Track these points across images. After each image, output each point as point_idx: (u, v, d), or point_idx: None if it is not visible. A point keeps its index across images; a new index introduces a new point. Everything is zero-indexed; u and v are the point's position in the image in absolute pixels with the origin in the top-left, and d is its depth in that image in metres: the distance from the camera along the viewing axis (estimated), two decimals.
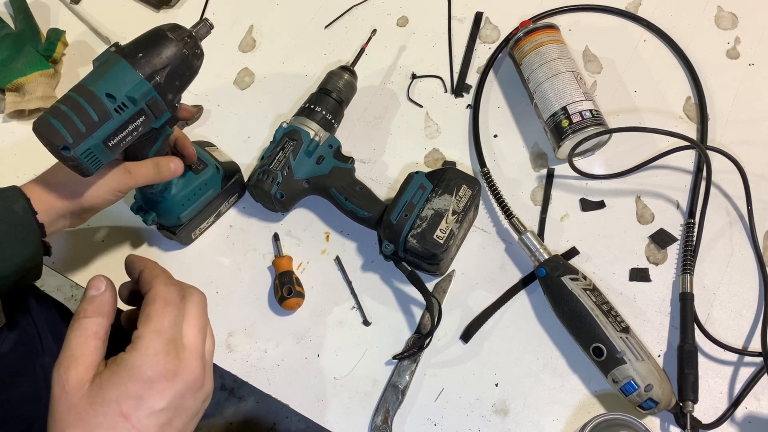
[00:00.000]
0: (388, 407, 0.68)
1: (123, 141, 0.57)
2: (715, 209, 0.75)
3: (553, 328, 0.71)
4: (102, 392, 0.41)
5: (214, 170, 0.73)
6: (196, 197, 0.73)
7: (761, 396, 0.67)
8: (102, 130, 0.55)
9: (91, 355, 0.43)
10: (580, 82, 0.76)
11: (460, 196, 0.70)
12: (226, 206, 0.78)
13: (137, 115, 0.57)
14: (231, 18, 0.92)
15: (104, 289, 0.45)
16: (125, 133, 0.57)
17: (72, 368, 0.42)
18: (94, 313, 0.44)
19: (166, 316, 0.44)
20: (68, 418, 0.41)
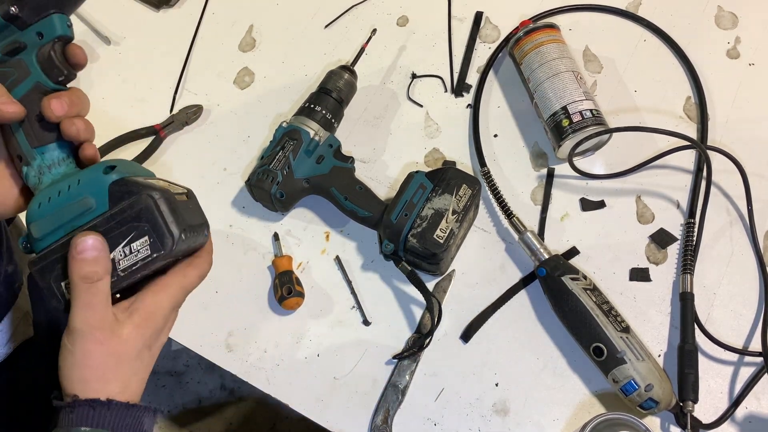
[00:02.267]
0: (388, 407, 0.68)
1: None
2: (715, 209, 0.75)
3: (553, 328, 0.71)
4: (134, 334, 0.48)
5: (101, 169, 0.50)
6: (61, 205, 0.50)
7: (761, 396, 0.67)
8: None
9: (107, 312, 0.48)
10: (580, 81, 0.76)
11: (460, 195, 0.70)
12: (120, 256, 0.48)
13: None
14: (231, 17, 0.92)
15: (102, 247, 0.48)
16: None
17: (103, 329, 0.47)
18: (105, 272, 0.47)
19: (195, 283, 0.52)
20: (109, 363, 0.47)
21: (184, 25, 0.91)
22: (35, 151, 0.51)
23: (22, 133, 0.51)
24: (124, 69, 0.89)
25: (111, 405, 0.47)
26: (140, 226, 0.48)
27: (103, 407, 0.46)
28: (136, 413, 0.48)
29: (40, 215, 0.50)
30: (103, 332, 0.47)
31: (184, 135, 0.84)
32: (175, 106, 0.86)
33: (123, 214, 0.48)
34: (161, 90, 0.87)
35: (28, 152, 0.51)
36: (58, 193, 0.50)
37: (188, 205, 0.51)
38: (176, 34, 0.91)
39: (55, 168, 0.52)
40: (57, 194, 0.50)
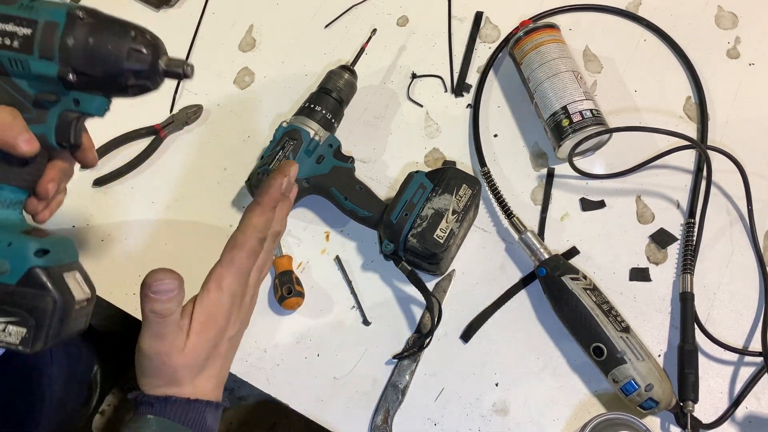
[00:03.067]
0: (388, 407, 0.68)
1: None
2: (715, 209, 0.75)
3: (553, 328, 0.71)
4: (198, 343, 0.50)
5: (34, 249, 0.49)
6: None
7: (761, 396, 0.67)
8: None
9: (177, 337, 0.50)
10: (580, 81, 0.76)
11: (461, 195, 0.70)
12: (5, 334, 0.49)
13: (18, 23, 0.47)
14: (231, 17, 0.92)
15: (179, 288, 0.50)
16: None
17: (168, 354, 0.49)
18: (171, 311, 0.49)
19: (248, 263, 0.52)
20: (178, 373, 0.50)
21: (184, 25, 0.91)
22: (0, 185, 0.51)
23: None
24: None
25: (168, 401, 0.49)
26: (27, 319, 0.48)
27: (160, 403, 0.49)
28: (197, 408, 0.50)
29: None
30: (170, 356, 0.49)
31: (184, 135, 0.84)
32: (175, 106, 0.86)
33: (23, 298, 0.48)
34: (161, 90, 0.86)
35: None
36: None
37: (81, 312, 0.51)
38: (176, 34, 0.91)
39: (2, 207, 0.52)
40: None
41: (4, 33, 0.48)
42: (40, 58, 0.48)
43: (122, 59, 0.49)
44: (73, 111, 0.51)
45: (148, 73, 0.50)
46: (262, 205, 0.52)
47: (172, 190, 0.81)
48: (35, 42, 0.48)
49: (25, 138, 0.49)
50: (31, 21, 0.48)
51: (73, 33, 0.48)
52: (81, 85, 0.49)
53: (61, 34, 0.47)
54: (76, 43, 0.48)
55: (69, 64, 0.48)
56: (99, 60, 0.48)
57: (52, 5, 0.48)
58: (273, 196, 0.52)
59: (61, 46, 0.48)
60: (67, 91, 0.50)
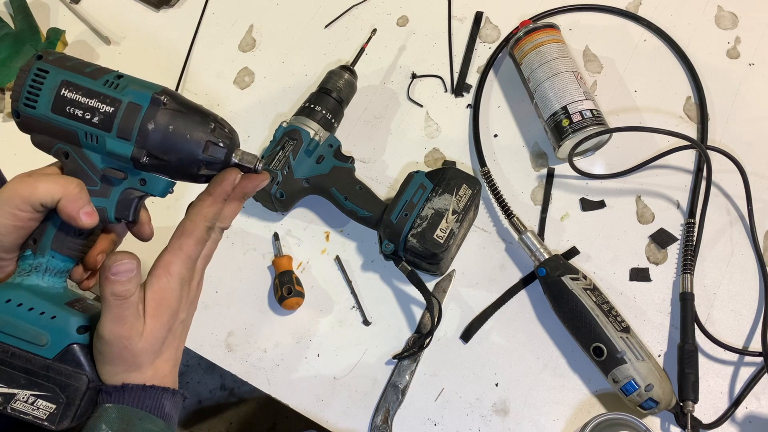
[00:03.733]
0: (388, 407, 0.68)
1: (76, 108, 0.48)
2: (715, 209, 0.75)
3: (553, 328, 0.71)
4: (154, 327, 0.50)
5: (77, 325, 0.50)
6: (23, 320, 0.49)
7: (761, 396, 0.67)
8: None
9: (135, 322, 0.49)
10: (580, 81, 0.76)
11: (461, 195, 0.70)
12: (23, 398, 0.49)
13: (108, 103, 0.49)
14: (231, 17, 0.92)
15: (136, 269, 0.49)
16: (85, 105, 0.48)
17: (128, 338, 0.49)
18: (131, 292, 0.49)
19: (195, 249, 0.52)
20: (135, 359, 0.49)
21: (184, 25, 0.91)
22: (50, 252, 0.52)
23: (54, 232, 0.52)
24: (124, 69, 0.88)
25: (126, 388, 0.49)
26: (58, 396, 0.49)
27: (117, 391, 0.49)
28: (153, 394, 0.50)
29: (2, 311, 0.50)
30: (129, 340, 0.49)
31: None
32: None
33: (57, 374, 0.49)
34: None
35: (44, 248, 0.52)
36: (30, 309, 0.50)
37: None
38: (176, 34, 0.91)
39: (50, 275, 0.52)
40: (29, 308, 0.50)
41: (86, 107, 0.49)
42: (118, 138, 0.49)
43: (199, 150, 0.49)
44: (137, 190, 0.52)
45: (221, 166, 0.51)
46: (213, 196, 0.52)
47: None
48: (116, 121, 0.49)
49: (87, 211, 0.50)
50: (115, 100, 0.49)
51: (155, 118, 0.49)
52: (152, 168, 0.50)
53: (142, 117, 0.48)
54: (156, 128, 0.49)
55: (144, 147, 0.49)
56: (175, 147, 0.49)
57: (138, 86, 0.49)
58: (225, 188, 0.53)
59: (140, 129, 0.48)
60: (136, 171, 0.51)
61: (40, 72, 0.49)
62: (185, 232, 0.52)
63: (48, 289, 0.51)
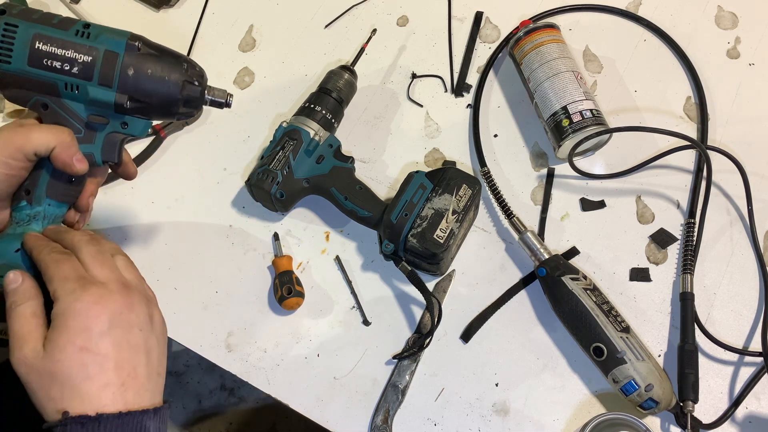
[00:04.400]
0: (388, 407, 0.68)
1: (54, 60, 0.49)
2: (715, 209, 0.75)
3: (553, 328, 0.71)
4: (54, 344, 0.46)
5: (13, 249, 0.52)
6: (24, 265, 0.52)
7: (762, 396, 0.67)
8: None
9: (37, 330, 0.47)
10: (580, 81, 0.76)
11: (461, 195, 0.70)
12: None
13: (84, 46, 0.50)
14: (231, 17, 0.92)
15: (22, 279, 0.49)
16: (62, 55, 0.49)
17: (25, 346, 0.46)
18: (24, 298, 0.48)
19: (61, 266, 0.48)
20: (42, 381, 0.45)
21: (184, 25, 0.91)
22: (46, 200, 0.54)
23: (48, 180, 0.54)
24: None
25: (101, 419, 0.44)
26: None
27: (93, 423, 0.44)
28: (133, 419, 0.45)
29: (8, 259, 0.52)
30: (39, 359, 0.45)
31: (184, 135, 0.84)
32: None
33: None
34: None
35: (40, 197, 0.54)
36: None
37: None
38: (176, 34, 0.91)
39: (48, 221, 0.55)
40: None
41: (64, 58, 0.50)
42: (99, 85, 0.51)
43: (177, 90, 0.52)
44: (119, 133, 0.54)
45: (197, 103, 0.54)
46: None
47: (172, 190, 0.81)
48: (95, 69, 0.51)
49: (79, 158, 0.52)
50: (92, 49, 0.50)
51: (133, 63, 0.51)
52: (133, 111, 0.53)
53: (121, 63, 0.51)
54: (135, 74, 0.51)
55: (126, 92, 0.51)
56: (156, 90, 0.52)
57: (110, 34, 0.51)
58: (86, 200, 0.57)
59: (121, 76, 0.51)
60: (117, 115, 0.53)
61: (9, 27, 0.50)
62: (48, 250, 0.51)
63: None
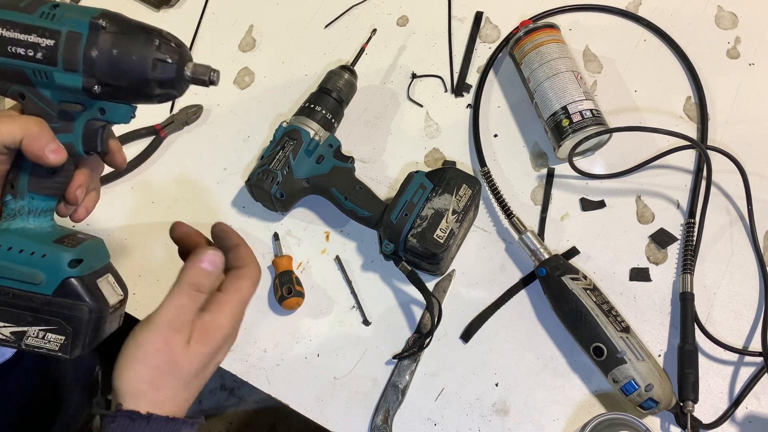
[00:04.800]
0: (388, 407, 0.68)
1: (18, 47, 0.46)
2: (715, 209, 0.75)
3: (553, 328, 0.71)
4: (196, 350, 0.49)
5: (68, 260, 0.50)
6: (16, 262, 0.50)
7: (761, 396, 0.67)
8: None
9: (190, 324, 0.49)
10: (580, 81, 0.76)
11: (461, 195, 0.70)
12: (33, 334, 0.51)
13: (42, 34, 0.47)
14: (231, 17, 0.92)
15: (220, 266, 0.51)
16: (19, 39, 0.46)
17: (181, 333, 0.48)
18: (207, 289, 0.50)
19: (250, 293, 0.52)
20: (165, 368, 0.48)
21: (184, 25, 0.91)
22: (28, 194, 0.52)
23: (28, 174, 0.52)
24: None
25: (150, 419, 0.47)
26: (65, 327, 0.50)
27: (142, 420, 0.47)
28: (174, 427, 0.48)
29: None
30: (176, 336, 0.48)
31: (184, 135, 0.84)
32: (175, 106, 0.86)
33: (59, 308, 0.50)
34: None
35: (22, 191, 0.52)
36: (20, 251, 0.51)
37: (115, 315, 0.53)
38: (176, 34, 0.90)
39: (34, 216, 0.53)
40: (19, 250, 0.51)
41: (27, 44, 0.47)
42: (65, 71, 0.47)
43: (147, 70, 0.47)
44: (98, 120, 0.51)
45: (174, 82, 0.49)
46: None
47: (172, 190, 0.81)
48: (59, 54, 0.47)
49: (53, 148, 0.49)
50: (54, 31, 0.47)
51: (97, 44, 0.47)
52: (106, 95, 0.49)
53: (84, 45, 0.47)
54: (100, 55, 0.47)
55: (93, 75, 0.47)
56: (123, 71, 0.47)
57: (74, 13, 0.48)
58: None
59: (85, 58, 0.47)
60: (92, 101, 0.50)
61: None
62: (243, 275, 0.53)
63: (35, 230, 0.52)
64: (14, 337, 0.51)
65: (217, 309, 0.51)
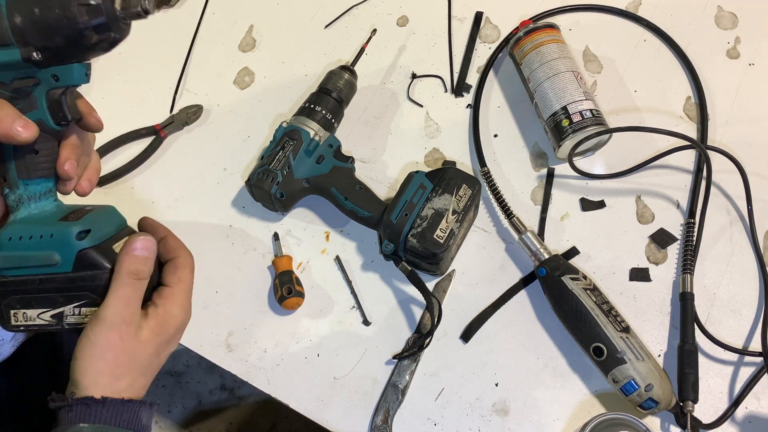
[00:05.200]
0: (388, 407, 0.68)
1: None
2: (715, 209, 0.75)
3: (553, 328, 0.71)
4: (150, 338, 0.51)
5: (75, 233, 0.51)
6: (29, 249, 0.51)
7: (761, 396, 0.67)
8: None
9: (138, 312, 0.51)
10: (580, 81, 0.76)
11: (460, 195, 0.70)
12: (70, 312, 0.52)
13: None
14: (231, 17, 0.92)
15: (153, 250, 0.52)
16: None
17: (131, 325, 0.50)
18: (146, 275, 0.51)
19: (191, 279, 0.55)
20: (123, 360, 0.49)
21: (184, 25, 0.91)
22: (21, 182, 0.52)
23: (13, 162, 0.52)
24: (124, 69, 0.89)
25: (106, 402, 0.48)
26: (94, 297, 0.51)
27: (98, 405, 0.48)
28: (132, 408, 0.49)
29: (8, 249, 0.51)
30: (129, 328, 0.50)
31: (184, 135, 0.84)
32: (175, 106, 0.86)
33: (83, 281, 0.51)
34: (161, 90, 0.87)
35: (14, 180, 0.52)
36: (30, 237, 0.51)
37: None
38: (176, 34, 0.91)
39: (34, 201, 0.53)
40: (29, 237, 0.51)
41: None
42: (0, 48, 0.46)
43: (75, 19, 0.45)
44: (56, 88, 0.49)
45: (109, 24, 0.46)
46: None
47: (172, 190, 0.81)
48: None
49: (21, 124, 0.48)
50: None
51: (18, 9, 0.45)
52: (50, 60, 0.47)
53: (6, 15, 0.45)
54: (24, 20, 0.45)
55: (28, 42, 0.46)
56: (53, 28, 0.45)
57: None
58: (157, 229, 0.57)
59: (12, 28, 0.45)
60: (41, 70, 0.48)
61: None
62: (180, 264, 0.54)
63: (40, 214, 0.52)
64: (55, 320, 0.52)
65: (167, 302, 0.53)
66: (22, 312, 0.53)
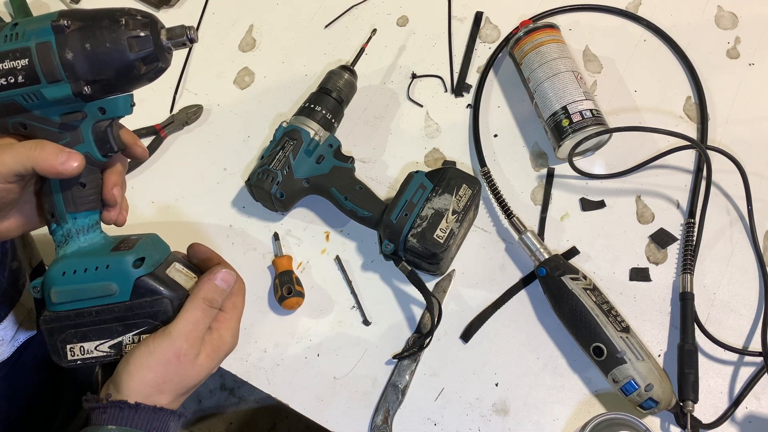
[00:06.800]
0: (388, 407, 0.68)
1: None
2: (715, 209, 0.75)
3: (553, 328, 0.71)
4: (205, 364, 0.52)
5: (131, 262, 0.51)
6: (85, 282, 0.51)
7: (761, 396, 0.67)
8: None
9: (201, 339, 0.52)
10: (580, 81, 0.76)
11: (460, 195, 0.70)
12: (129, 341, 0.52)
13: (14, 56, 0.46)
14: (231, 17, 0.92)
15: (232, 285, 0.55)
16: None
17: (193, 348, 0.51)
18: (218, 305, 0.54)
19: (243, 306, 0.57)
20: (173, 378, 0.50)
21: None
22: (69, 216, 0.53)
23: (60, 195, 0.52)
24: None
25: (139, 408, 0.49)
26: (153, 323, 0.52)
27: (131, 410, 0.49)
28: (162, 416, 0.51)
29: (63, 284, 0.52)
30: (189, 350, 0.51)
31: (184, 135, 0.84)
32: (175, 106, 0.86)
33: (142, 309, 0.52)
34: (161, 90, 0.87)
35: (62, 215, 0.53)
36: (85, 270, 0.52)
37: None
38: None
39: (83, 234, 0.53)
40: (83, 270, 0.52)
41: (5, 72, 0.46)
42: (50, 84, 0.47)
43: (125, 51, 0.46)
44: (102, 120, 0.50)
45: (156, 55, 0.47)
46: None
47: (172, 190, 0.81)
48: (37, 69, 0.46)
49: (64, 158, 0.48)
50: (24, 50, 0.46)
51: (68, 45, 0.46)
52: (99, 92, 0.48)
53: (56, 51, 0.46)
54: (76, 55, 0.46)
55: (78, 77, 0.47)
56: (104, 63, 0.46)
57: (34, 24, 0.47)
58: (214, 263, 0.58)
59: (63, 64, 0.46)
60: (88, 104, 0.49)
61: None
62: (235, 292, 0.56)
63: (90, 247, 0.53)
64: (114, 350, 0.53)
65: (222, 327, 0.54)
66: (79, 346, 0.53)
